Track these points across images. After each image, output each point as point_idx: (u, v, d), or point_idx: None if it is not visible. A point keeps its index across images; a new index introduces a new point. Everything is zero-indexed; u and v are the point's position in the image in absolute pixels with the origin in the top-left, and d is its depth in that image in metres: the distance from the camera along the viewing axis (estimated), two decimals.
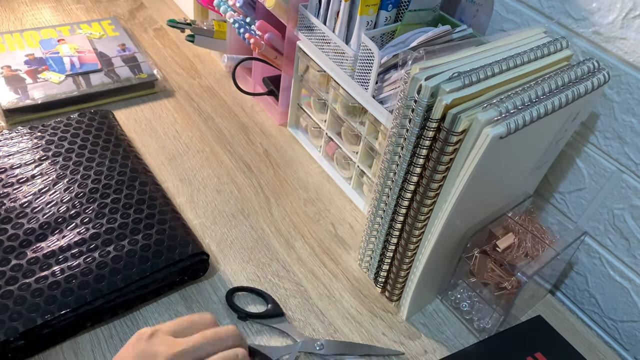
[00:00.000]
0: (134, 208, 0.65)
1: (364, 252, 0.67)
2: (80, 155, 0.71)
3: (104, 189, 0.67)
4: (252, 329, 0.61)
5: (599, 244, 0.69)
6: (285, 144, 0.86)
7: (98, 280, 0.57)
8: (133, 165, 0.72)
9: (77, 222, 0.63)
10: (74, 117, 0.77)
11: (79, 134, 0.74)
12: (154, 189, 0.69)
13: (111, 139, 0.75)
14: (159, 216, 0.65)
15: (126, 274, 0.58)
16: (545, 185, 0.73)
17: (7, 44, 0.91)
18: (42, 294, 0.55)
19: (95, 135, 0.75)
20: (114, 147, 0.74)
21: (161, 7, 1.15)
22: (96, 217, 0.64)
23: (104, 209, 0.65)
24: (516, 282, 0.59)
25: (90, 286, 0.57)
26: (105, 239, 0.61)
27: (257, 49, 0.81)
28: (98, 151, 0.72)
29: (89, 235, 0.61)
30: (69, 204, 0.65)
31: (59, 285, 0.56)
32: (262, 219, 0.74)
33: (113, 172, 0.70)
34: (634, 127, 0.61)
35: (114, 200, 0.66)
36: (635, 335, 0.68)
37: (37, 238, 0.61)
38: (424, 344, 0.63)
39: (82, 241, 0.61)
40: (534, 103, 0.49)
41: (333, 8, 0.69)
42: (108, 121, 0.78)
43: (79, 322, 0.56)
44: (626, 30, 0.58)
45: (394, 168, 0.56)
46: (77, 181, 0.67)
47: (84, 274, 0.57)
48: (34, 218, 0.62)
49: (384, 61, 0.63)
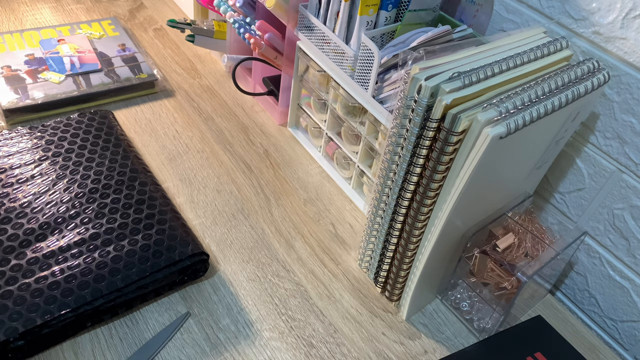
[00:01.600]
0: (133, 208, 0.65)
1: (364, 252, 0.67)
2: (80, 155, 0.71)
3: (104, 189, 0.67)
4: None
5: (599, 244, 0.69)
6: (285, 144, 0.86)
7: (98, 280, 0.57)
8: (133, 165, 0.72)
9: (76, 222, 0.63)
10: (74, 117, 0.77)
11: (78, 134, 0.74)
12: (153, 189, 0.69)
13: (111, 139, 0.75)
14: (158, 216, 0.65)
15: (126, 274, 0.58)
16: (545, 185, 0.73)
17: (7, 44, 0.91)
18: (41, 294, 0.55)
19: (95, 135, 0.75)
20: (114, 147, 0.74)
21: (161, 7, 1.15)
22: (96, 217, 0.64)
23: (103, 209, 0.65)
24: (516, 282, 0.59)
25: (90, 286, 0.57)
26: (105, 239, 0.61)
27: (257, 49, 0.81)
28: (98, 151, 0.72)
29: (88, 235, 0.61)
30: (68, 204, 0.65)
31: (59, 286, 0.56)
32: (262, 219, 0.74)
33: (113, 172, 0.70)
34: (634, 127, 0.61)
35: (114, 200, 0.66)
36: (635, 335, 0.68)
37: (36, 238, 0.61)
38: (424, 344, 0.63)
39: (81, 241, 0.61)
40: (534, 103, 0.49)
41: (333, 8, 0.69)
42: (108, 121, 0.78)
43: (79, 322, 0.56)
44: (626, 30, 0.58)
45: (394, 168, 0.56)
46: (76, 181, 0.67)
47: (83, 274, 0.57)
48: (34, 218, 0.62)
49: (384, 61, 0.63)
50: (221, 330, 0.60)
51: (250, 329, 0.61)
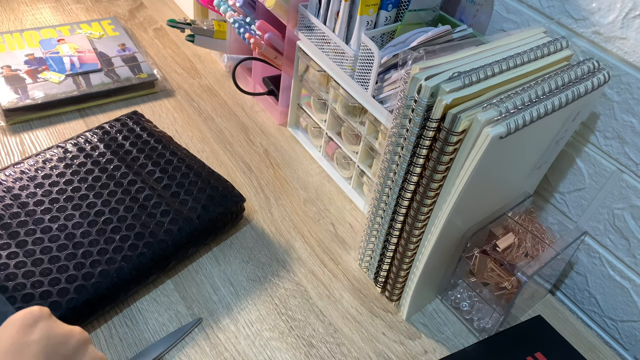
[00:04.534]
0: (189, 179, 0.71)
1: (364, 252, 0.67)
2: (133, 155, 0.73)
3: (161, 172, 0.71)
4: None
5: (599, 243, 0.69)
6: (285, 144, 0.86)
7: (173, 222, 0.65)
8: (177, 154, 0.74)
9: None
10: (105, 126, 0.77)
11: (117, 139, 0.75)
12: (193, 163, 0.73)
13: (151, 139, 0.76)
14: (203, 177, 0.71)
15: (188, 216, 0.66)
16: (545, 185, 0.73)
17: (7, 43, 0.91)
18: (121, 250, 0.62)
19: (136, 135, 0.76)
20: (155, 144, 0.75)
21: (161, 7, 1.15)
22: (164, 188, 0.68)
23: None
24: (516, 282, 0.59)
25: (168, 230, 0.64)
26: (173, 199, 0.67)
27: (257, 49, 0.81)
28: (146, 150, 0.74)
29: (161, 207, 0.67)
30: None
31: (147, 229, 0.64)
32: (262, 219, 0.74)
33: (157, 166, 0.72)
34: (634, 127, 0.61)
35: (171, 177, 0.70)
36: (635, 335, 0.68)
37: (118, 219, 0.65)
38: (424, 344, 0.63)
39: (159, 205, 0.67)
40: (534, 103, 0.49)
41: (333, 8, 0.69)
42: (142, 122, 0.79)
43: (161, 261, 0.62)
44: (626, 30, 0.58)
45: (394, 168, 0.56)
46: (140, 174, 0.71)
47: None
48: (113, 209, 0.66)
49: (384, 61, 0.63)
50: (221, 330, 0.60)
51: (250, 329, 0.61)
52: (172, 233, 0.63)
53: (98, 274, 0.58)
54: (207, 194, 0.69)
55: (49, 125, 0.82)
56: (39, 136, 0.80)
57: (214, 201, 0.68)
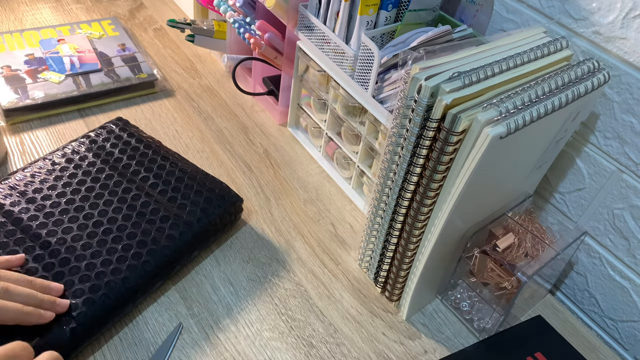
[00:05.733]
0: (183, 184, 0.70)
1: (364, 252, 0.67)
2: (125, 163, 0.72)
3: (155, 178, 0.70)
4: None
5: (599, 244, 0.69)
6: (285, 144, 0.86)
7: (173, 228, 0.64)
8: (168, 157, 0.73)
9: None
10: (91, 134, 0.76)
11: (105, 147, 0.73)
12: (186, 168, 0.73)
13: (140, 145, 0.75)
14: (198, 181, 0.71)
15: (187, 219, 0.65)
16: (545, 185, 0.73)
17: (7, 43, 0.91)
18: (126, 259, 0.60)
19: (125, 142, 0.75)
20: (145, 149, 0.74)
21: (161, 7, 1.15)
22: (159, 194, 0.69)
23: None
24: (516, 282, 0.59)
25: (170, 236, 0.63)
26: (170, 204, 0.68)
27: (257, 49, 0.81)
28: (136, 157, 0.73)
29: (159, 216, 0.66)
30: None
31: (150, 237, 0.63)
32: (262, 219, 0.74)
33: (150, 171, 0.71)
34: (634, 127, 0.61)
35: (165, 182, 0.70)
36: (635, 335, 0.68)
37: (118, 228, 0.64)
38: (424, 344, 0.63)
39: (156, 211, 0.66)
40: (534, 103, 0.49)
41: (333, 8, 0.69)
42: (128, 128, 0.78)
43: (165, 267, 0.62)
44: (626, 30, 0.58)
45: (394, 168, 0.56)
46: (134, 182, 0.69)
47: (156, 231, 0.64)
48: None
49: (384, 61, 0.63)
50: (221, 330, 0.60)
51: (250, 329, 0.61)
52: (174, 238, 0.63)
53: (105, 285, 0.57)
54: (204, 196, 0.68)
55: (49, 125, 0.82)
56: (39, 136, 0.80)
57: (212, 203, 0.68)
